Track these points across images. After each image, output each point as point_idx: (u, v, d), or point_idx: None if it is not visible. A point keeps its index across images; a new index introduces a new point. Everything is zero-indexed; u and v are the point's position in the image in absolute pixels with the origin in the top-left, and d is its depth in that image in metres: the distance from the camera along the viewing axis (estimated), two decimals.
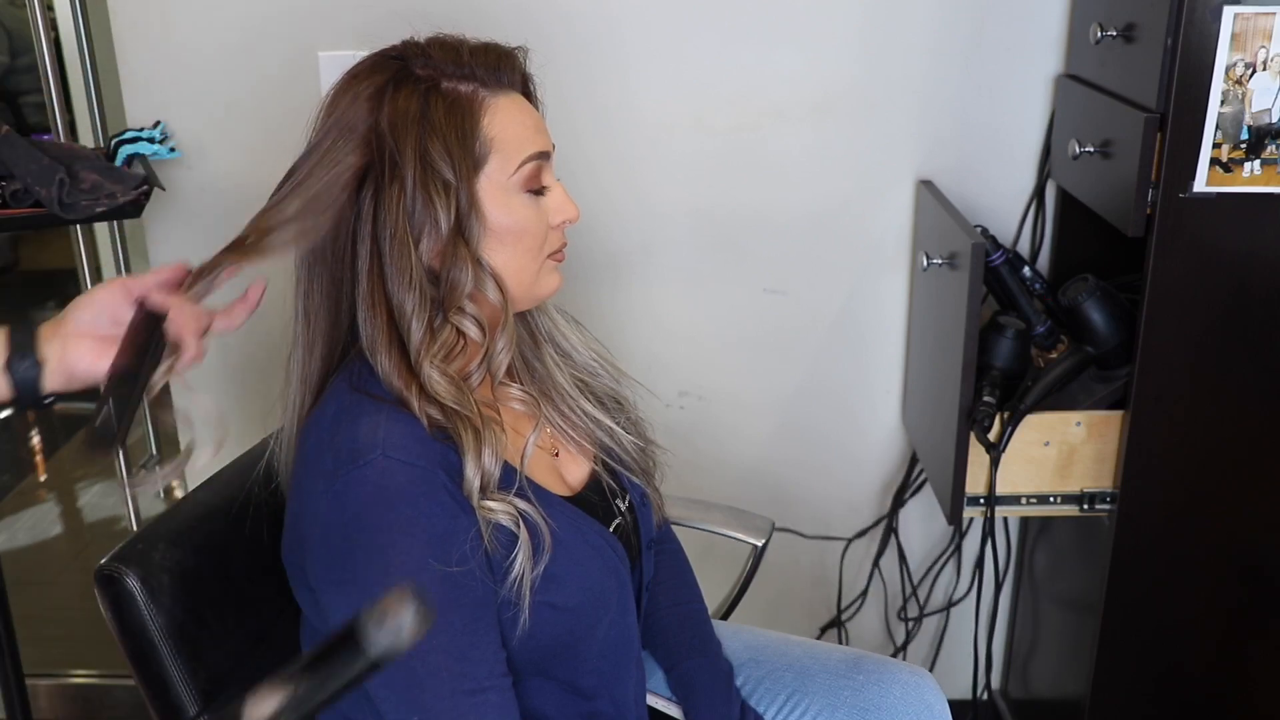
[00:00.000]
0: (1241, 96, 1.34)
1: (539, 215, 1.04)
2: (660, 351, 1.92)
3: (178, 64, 1.75)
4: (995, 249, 1.69)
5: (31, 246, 4.30)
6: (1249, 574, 1.60)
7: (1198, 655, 1.65)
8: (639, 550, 1.20)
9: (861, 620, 2.11)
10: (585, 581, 1.06)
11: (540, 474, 1.09)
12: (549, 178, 1.06)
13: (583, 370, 1.21)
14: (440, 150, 0.98)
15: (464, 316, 1.00)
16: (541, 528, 1.00)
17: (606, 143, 1.79)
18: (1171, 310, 1.46)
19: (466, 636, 0.96)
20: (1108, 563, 1.58)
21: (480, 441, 0.97)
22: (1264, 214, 1.40)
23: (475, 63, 1.01)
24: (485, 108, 1.01)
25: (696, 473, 1.90)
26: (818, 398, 1.96)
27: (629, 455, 1.20)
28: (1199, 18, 1.32)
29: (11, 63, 3.72)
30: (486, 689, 0.97)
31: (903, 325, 1.92)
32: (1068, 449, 1.61)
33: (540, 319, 1.18)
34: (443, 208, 0.98)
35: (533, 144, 1.03)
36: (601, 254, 1.85)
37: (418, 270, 0.98)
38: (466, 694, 0.96)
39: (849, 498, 2.03)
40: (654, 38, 1.76)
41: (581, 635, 1.07)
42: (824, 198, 1.84)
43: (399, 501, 0.94)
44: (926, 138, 1.81)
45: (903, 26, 1.75)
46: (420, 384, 0.98)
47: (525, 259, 1.04)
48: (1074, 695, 1.75)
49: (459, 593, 0.95)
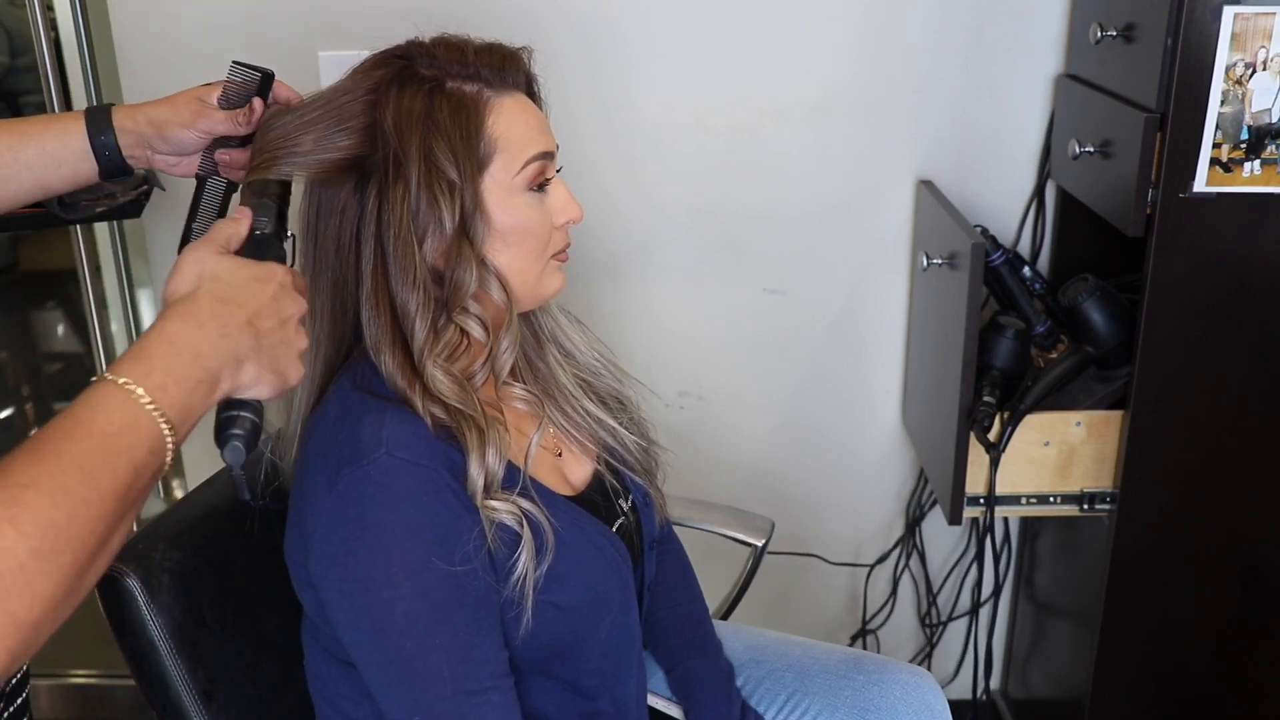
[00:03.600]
0: (1241, 96, 1.34)
1: (543, 215, 1.04)
2: (660, 351, 1.92)
3: (178, 64, 1.75)
4: (995, 249, 1.69)
5: (31, 246, 4.29)
6: (1249, 574, 1.60)
7: (1198, 655, 1.65)
8: (641, 550, 1.20)
9: (888, 629, 2.11)
10: (588, 581, 1.06)
11: (543, 474, 1.09)
12: (552, 178, 1.06)
13: (585, 370, 1.21)
14: (445, 150, 0.98)
15: (468, 316, 1.01)
16: (545, 527, 1.00)
17: (607, 143, 1.79)
18: (1171, 310, 1.46)
19: (469, 637, 0.96)
20: (1108, 563, 1.58)
21: (484, 441, 0.97)
22: (1264, 214, 1.40)
23: (480, 63, 1.01)
24: (490, 108, 1.01)
25: (696, 473, 1.90)
26: (818, 398, 1.96)
27: (631, 455, 1.20)
28: (1199, 18, 1.32)
29: (11, 63, 3.72)
30: (488, 689, 0.97)
31: (903, 325, 1.92)
32: (1068, 449, 1.61)
33: (543, 319, 1.18)
34: (447, 208, 0.98)
35: (537, 144, 1.03)
36: (601, 254, 1.85)
37: (422, 270, 0.98)
38: (468, 694, 0.96)
39: (850, 498, 2.03)
40: (655, 38, 1.76)
41: (584, 635, 1.07)
42: (824, 198, 1.84)
43: (402, 501, 0.94)
44: (926, 138, 1.81)
45: (903, 26, 1.75)
46: (424, 383, 0.98)
47: (529, 259, 1.04)
48: (1074, 695, 1.75)
49: (462, 593, 0.95)
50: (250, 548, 1.15)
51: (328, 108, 0.99)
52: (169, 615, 1.07)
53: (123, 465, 0.69)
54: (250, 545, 1.15)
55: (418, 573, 0.94)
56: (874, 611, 2.09)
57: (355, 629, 0.97)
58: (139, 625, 1.06)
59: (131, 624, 1.06)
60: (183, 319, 0.78)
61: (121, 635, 1.07)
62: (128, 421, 0.70)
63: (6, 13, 3.79)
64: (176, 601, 1.08)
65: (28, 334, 4.23)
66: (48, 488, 0.65)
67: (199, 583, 1.11)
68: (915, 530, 2.02)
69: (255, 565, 1.16)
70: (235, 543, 1.16)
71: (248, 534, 1.14)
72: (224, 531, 1.16)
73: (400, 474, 0.94)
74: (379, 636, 0.95)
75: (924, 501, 2.00)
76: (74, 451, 0.68)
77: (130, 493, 0.70)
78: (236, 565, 1.16)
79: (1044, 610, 1.95)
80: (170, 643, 1.07)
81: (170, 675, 1.07)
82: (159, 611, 1.06)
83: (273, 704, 1.17)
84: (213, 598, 1.13)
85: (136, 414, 0.71)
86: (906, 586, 2.09)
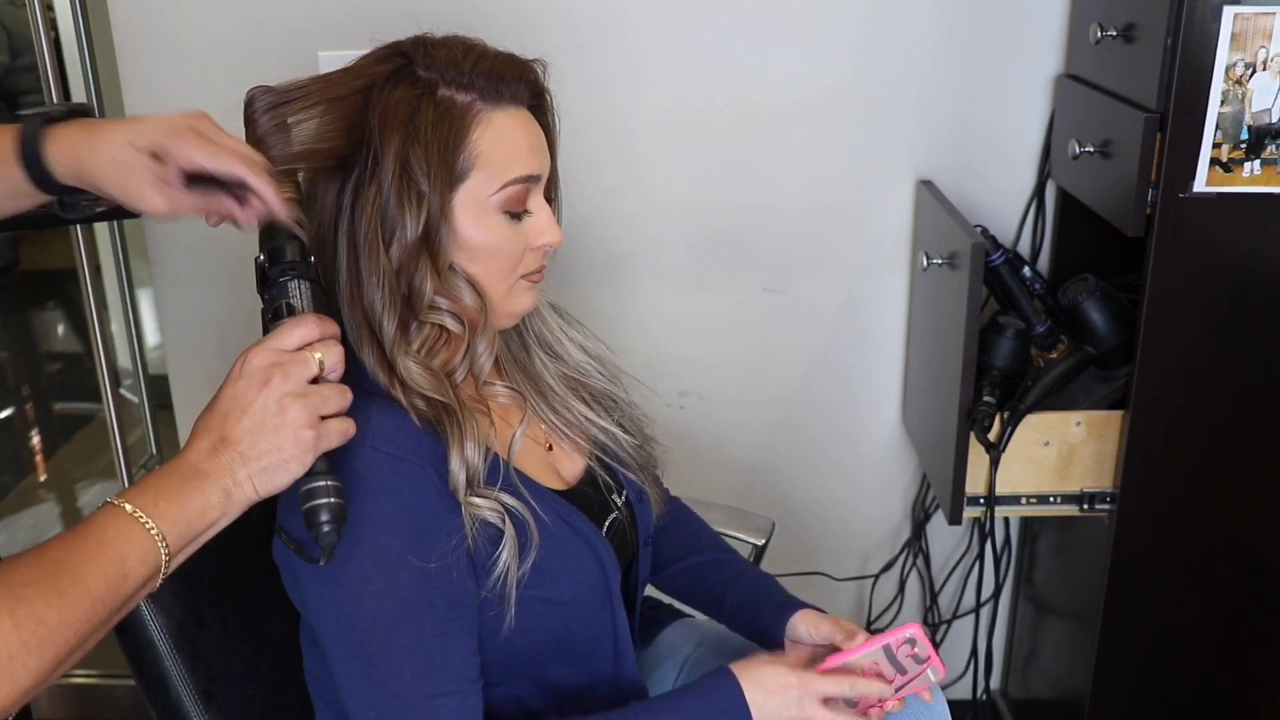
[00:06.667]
0: (1241, 96, 1.34)
1: (515, 236, 1.03)
2: (660, 351, 1.92)
3: (178, 64, 1.75)
4: (995, 249, 1.68)
5: (31, 246, 4.29)
6: (1249, 574, 1.60)
7: (1197, 655, 1.65)
8: (637, 546, 1.20)
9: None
10: (579, 575, 1.06)
11: (533, 468, 1.09)
12: (535, 201, 1.04)
13: (575, 370, 1.20)
14: (420, 158, 0.97)
15: (440, 314, 1.00)
16: (529, 525, 1.00)
17: (607, 142, 1.79)
18: (1171, 310, 1.46)
19: (434, 639, 0.96)
20: (1108, 563, 1.58)
21: (463, 434, 0.97)
22: (1264, 214, 1.40)
23: (477, 72, 0.99)
24: (478, 121, 0.99)
25: (696, 472, 1.90)
26: (818, 397, 1.96)
27: (625, 452, 1.20)
28: (1199, 18, 1.32)
29: (11, 63, 3.72)
30: (447, 694, 0.96)
31: (903, 325, 1.92)
32: (1068, 449, 1.61)
33: (530, 320, 1.17)
34: (412, 216, 0.97)
35: (521, 166, 1.01)
36: (602, 253, 1.85)
37: (387, 271, 0.98)
38: (425, 697, 0.95)
39: (851, 500, 2.03)
40: (655, 38, 1.76)
41: (576, 630, 1.07)
42: (824, 197, 1.84)
43: (382, 496, 0.94)
44: (926, 138, 1.81)
45: (903, 26, 1.75)
46: (400, 378, 0.98)
47: (495, 277, 1.03)
48: (1074, 695, 1.75)
49: (432, 592, 0.95)
50: (250, 549, 1.14)
51: (323, 94, 0.98)
52: (169, 615, 1.07)
53: (113, 571, 0.78)
54: (250, 546, 1.14)
55: (391, 570, 0.94)
56: (878, 613, 2.09)
57: (325, 620, 0.97)
58: (139, 625, 1.06)
59: (131, 623, 1.06)
60: (180, 453, 0.86)
61: (121, 635, 1.07)
62: (120, 532, 0.79)
63: (6, 12, 3.79)
64: (176, 601, 1.08)
65: (28, 334, 4.24)
66: (45, 588, 0.74)
67: (199, 583, 1.11)
68: (922, 532, 2.02)
69: (255, 565, 1.16)
70: (235, 543, 1.15)
71: (248, 534, 1.14)
72: (224, 532, 1.15)
73: (383, 468, 0.94)
74: (346, 630, 0.95)
75: (928, 504, 2.00)
76: (72, 559, 0.77)
77: (116, 598, 0.78)
78: (236, 565, 1.16)
79: (1044, 610, 1.95)
80: (170, 642, 1.07)
81: (170, 675, 1.07)
82: (159, 611, 1.06)
83: (273, 704, 1.17)
84: (213, 598, 1.13)
85: (129, 525, 0.80)
86: (911, 587, 2.08)
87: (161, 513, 0.81)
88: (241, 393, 0.86)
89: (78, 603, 0.75)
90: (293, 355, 0.87)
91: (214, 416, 0.86)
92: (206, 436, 0.85)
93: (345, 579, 0.94)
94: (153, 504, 0.81)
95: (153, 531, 0.80)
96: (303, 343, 0.88)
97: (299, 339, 0.88)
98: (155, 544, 0.80)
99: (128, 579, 0.79)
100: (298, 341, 0.88)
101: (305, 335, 0.88)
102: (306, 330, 0.89)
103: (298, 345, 0.88)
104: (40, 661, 0.73)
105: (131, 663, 1.08)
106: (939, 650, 2.09)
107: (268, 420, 0.85)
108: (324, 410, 0.87)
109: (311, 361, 0.88)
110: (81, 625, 0.76)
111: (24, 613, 0.72)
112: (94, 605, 0.76)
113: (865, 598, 2.09)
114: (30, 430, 3.56)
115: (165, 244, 1.85)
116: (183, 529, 0.82)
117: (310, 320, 0.89)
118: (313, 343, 0.89)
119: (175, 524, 0.81)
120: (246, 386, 0.86)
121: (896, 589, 2.07)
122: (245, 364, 0.87)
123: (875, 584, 2.07)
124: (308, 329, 0.89)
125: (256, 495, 0.86)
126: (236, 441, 0.84)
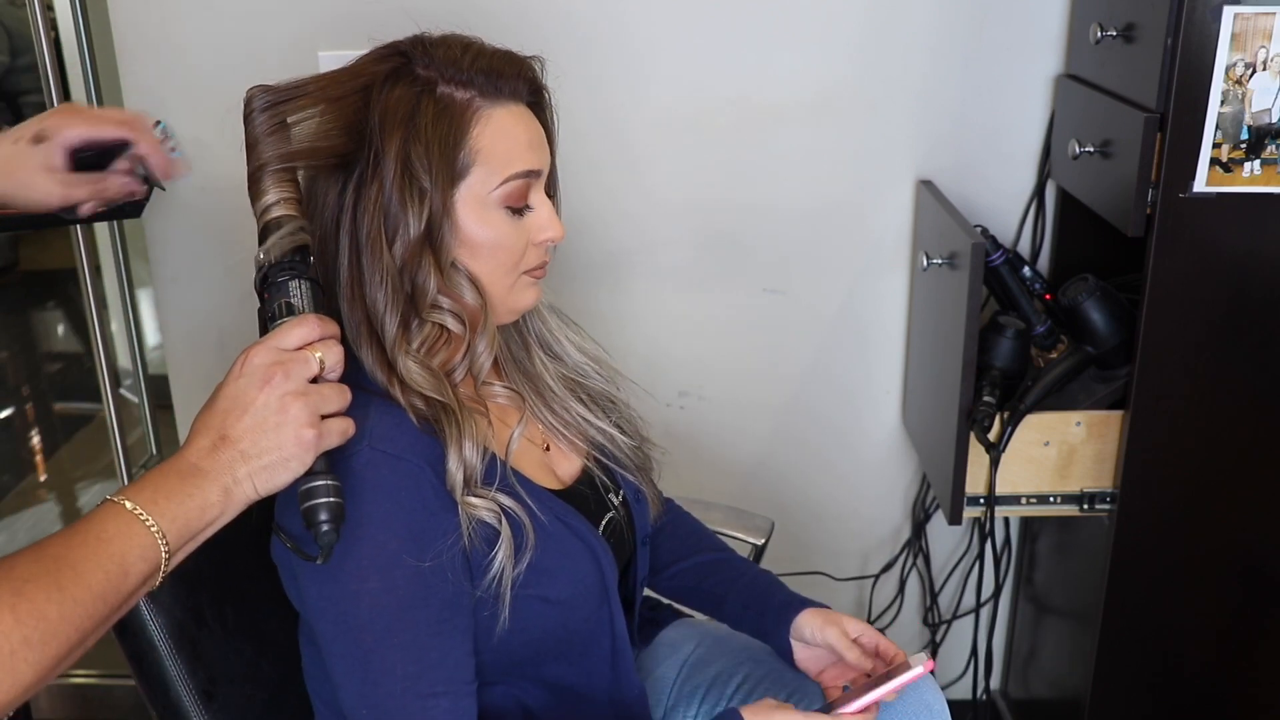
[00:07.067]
0: (1241, 96, 1.34)
1: (517, 232, 1.03)
2: (660, 351, 1.92)
3: (178, 64, 1.75)
4: (995, 249, 1.68)
5: (31, 247, 4.30)
6: (1249, 574, 1.60)
7: (1198, 655, 1.65)
8: (634, 546, 1.20)
9: (891, 631, 2.11)
10: (575, 574, 1.06)
11: (530, 468, 1.10)
12: (536, 196, 1.05)
13: (574, 371, 1.21)
14: (421, 156, 0.97)
15: (442, 313, 1.00)
16: (525, 525, 1.00)
17: (607, 142, 1.79)
18: (1171, 310, 1.46)
19: (429, 638, 0.96)
20: (1108, 563, 1.58)
21: (461, 433, 0.97)
22: (1264, 214, 1.40)
23: (475, 69, 1.00)
24: (477, 118, 0.99)
25: (696, 473, 1.90)
26: (818, 398, 1.96)
27: (622, 453, 1.21)
28: (1199, 18, 1.32)
29: (11, 63, 3.72)
30: (439, 694, 0.96)
31: (903, 325, 1.92)
32: (1068, 449, 1.61)
33: (531, 320, 1.18)
34: (414, 214, 0.97)
35: (521, 161, 1.02)
36: (601, 253, 1.85)
37: (390, 269, 0.98)
38: (418, 696, 0.96)
39: (851, 500, 2.03)
40: (655, 38, 1.76)
41: (575, 629, 1.07)
42: (824, 197, 1.84)
43: (380, 495, 0.94)
44: (926, 137, 1.81)
45: (903, 26, 1.75)
46: (399, 376, 0.98)
47: (498, 273, 1.03)
48: (1074, 695, 1.75)
49: (427, 591, 0.95)
50: (250, 548, 1.15)
51: (322, 93, 0.98)
52: (169, 615, 1.07)
53: (113, 568, 0.78)
54: (250, 545, 1.14)
55: (387, 569, 0.94)
56: (878, 613, 2.09)
57: (321, 617, 0.97)
58: (139, 625, 1.06)
59: (131, 623, 1.06)
60: (180, 450, 0.86)
61: (121, 635, 1.07)
62: (120, 529, 0.79)
63: (6, 12, 3.80)
64: (176, 601, 1.08)
65: (28, 334, 4.24)
66: (45, 584, 0.74)
67: (199, 582, 1.11)
68: (922, 532, 2.02)
69: (255, 565, 1.16)
70: (235, 542, 1.15)
71: (248, 534, 1.14)
72: (224, 531, 1.15)
73: (380, 467, 0.94)
74: (341, 628, 0.96)
75: (928, 504, 2.00)
76: (72, 555, 0.77)
77: (117, 595, 0.78)
78: (236, 565, 1.16)
79: (1044, 610, 1.95)
80: (170, 642, 1.07)
81: (170, 675, 1.07)
82: (159, 611, 1.06)
83: (273, 704, 1.17)
84: (213, 597, 1.13)
85: (129, 522, 0.80)
86: (911, 587, 2.08)
87: (161, 510, 0.81)
88: (242, 391, 0.86)
89: (78, 599, 0.75)
90: (294, 354, 0.87)
91: (214, 414, 0.86)
92: (206, 434, 0.85)
93: (342, 577, 0.94)
94: (152, 501, 0.81)
95: (153, 529, 0.80)
96: (303, 342, 0.89)
97: (300, 338, 0.88)
98: (155, 541, 0.80)
99: (128, 576, 0.79)
100: (298, 341, 0.88)
101: (306, 334, 0.89)
102: (307, 329, 0.89)
103: (298, 344, 0.88)
104: (41, 657, 0.73)
105: (131, 663, 1.08)
106: (939, 651, 2.10)
107: (269, 419, 0.85)
108: (324, 409, 0.88)
109: (312, 361, 0.88)
110: (82, 622, 0.76)
111: (25, 608, 0.72)
112: (95, 602, 0.76)
113: (865, 598, 2.09)
114: (30, 430, 3.56)
115: (165, 244, 1.84)
116: (182, 526, 0.82)
117: (311, 320, 0.90)
118: (313, 342, 0.89)
119: (175, 521, 0.82)
120: (247, 385, 0.86)
121: (896, 589, 2.07)
122: (246, 362, 0.87)
123: (875, 584, 2.07)
124: (308, 328, 0.89)
125: (256, 494, 0.86)
126: (237, 440, 0.85)
